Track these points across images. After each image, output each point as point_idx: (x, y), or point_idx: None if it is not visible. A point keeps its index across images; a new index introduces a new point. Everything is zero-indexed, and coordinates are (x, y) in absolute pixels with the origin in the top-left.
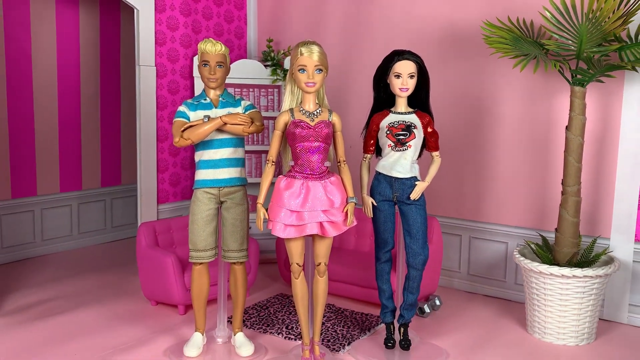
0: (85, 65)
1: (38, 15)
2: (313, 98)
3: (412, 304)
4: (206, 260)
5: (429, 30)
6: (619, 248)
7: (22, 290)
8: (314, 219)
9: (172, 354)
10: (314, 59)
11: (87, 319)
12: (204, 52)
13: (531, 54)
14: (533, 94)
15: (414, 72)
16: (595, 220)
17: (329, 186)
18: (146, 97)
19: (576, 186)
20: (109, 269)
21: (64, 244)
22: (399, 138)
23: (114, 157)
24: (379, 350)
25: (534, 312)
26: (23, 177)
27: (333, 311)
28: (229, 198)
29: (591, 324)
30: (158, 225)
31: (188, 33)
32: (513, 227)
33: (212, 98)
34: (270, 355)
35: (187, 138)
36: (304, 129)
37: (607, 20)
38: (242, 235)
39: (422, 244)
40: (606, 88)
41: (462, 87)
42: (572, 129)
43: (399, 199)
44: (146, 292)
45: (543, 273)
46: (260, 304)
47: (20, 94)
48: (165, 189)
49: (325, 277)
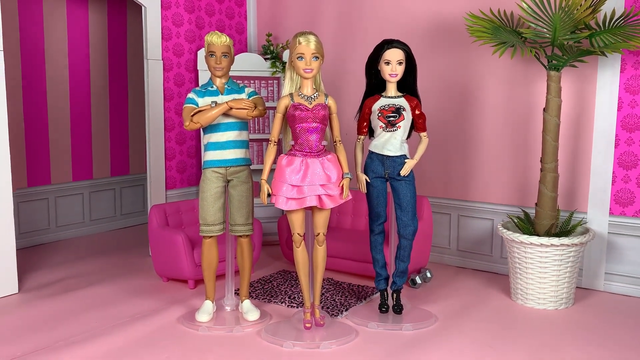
0: (95, 61)
1: (50, 13)
2: (311, 83)
3: (403, 272)
4: (215, 233)
5: (417, 22)
6: (595, 220)
7: (41, 271)
8: (313, 192)
9: (185, 320)
10: (311, 47)
11: (103, 294)
12: (210, 44)
13: (509, 41)
14: (513, 80)
15: (402, 59)
16: (573, 195)
17: (326, 163)
18: (154, 90)
19: (553, 163)
20: (120, 252)
21: (77, 230)
22: (390, 120)
23: (122, 148)
24: (374, 315)
25: (516, 280)
26: (38, 166)
27: (332, 284)
28: (235, 177)
29: (569, 289)
30: (168, 207)
31: (192, 29)
32: (498, 205)
33: (219, 85)
34: (274, 320)
35: (196, 122)
36: (303, 111)
37: (578, 9)
38: (247, 210)
39: (411, 216)
40: (581, 72)
41: (448, 75)
42: (549, 110)
43: (390, 176)
44: (158, 269)
45: (524, 243)
46: (264, 279)
47: (34, 89)
48: (173, 176)
49: (324, 245)
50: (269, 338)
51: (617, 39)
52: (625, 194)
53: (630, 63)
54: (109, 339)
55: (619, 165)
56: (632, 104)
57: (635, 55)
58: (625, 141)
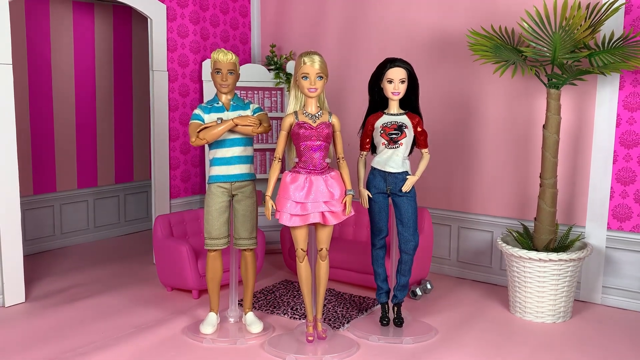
0: (100, 70)
1: (57, 24)
2: (315, 102)
3: (404, 285)
4: (220, 247)
5: (419, 37)
6: (593, 235)
7: (47, 278)
8: (316, 209)
9: (190, 331)
10: (316, 67)
11: (108, 303)
12: (216, 61)
13: (510, 60)
14: (514, 96)
15: (404, 77)
16: (572, 209)
17: (329, 180)
18: (159, 100)
19: (552, 179)
20: (124, 259)
21: (82, 236)
22: (392, 137)
23: (127, 156)
24: (375, 328)
25: (515, 294)
26: (44, 174)
27: (333, 295)
28: (240, 191)
29: (567, 303)
30: (172, 218)
31: (197, 40)
32: (497, 217)
33: (224, 102)
34: (277, 332)
35: (202, 138)
36: (307, 129)
37: (577, 30)
38: (252, 224)
39: (412, 231)
40: (581, 90)
41: (449, 89)
42: (549, 127)
43: (392, 192)
44: (162, 279)
45: (523, 257)
46: (266, 289)
47: (41, 98)
48: (177, 185)
49: (326, 261)
50: (272, 351)
51: (616, 59)
52: (622, 209)
53: (628, 81)
54: (115, 350)
55: (617, 181)
56: (630, 120)
57: (634, 73)
58: (624, 157)
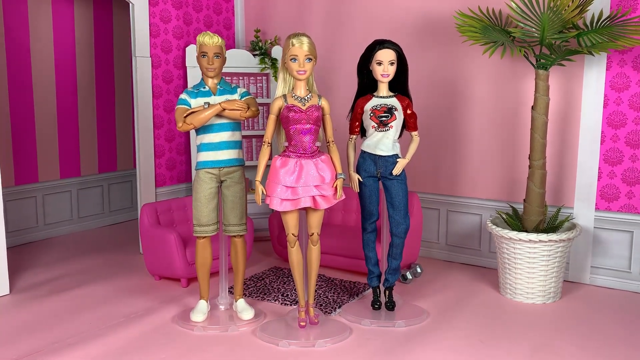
0: (81, 58)
1: (35, 10)
2: (304, 85)
3: (395, 269)
4: (209, 234)
5: (406, 19)
6: (581, 215)
7: (31, 270)
8: (307, 193)
9: (180, 319)
10: (304, 49)
11: (96, 293)
12: (202, 44)
13: (499, 41)
14: (502, 78)
15: (394, 59)
16: (560, 191)
17: (319, 164)
18: (142, 87)
19: (541, 160)
20: (110, 249)
21: (65, 227)
22: (382, 119)
23: (110, 145)
24: (367, 312)
25: (505, 275)
26: (25, 164)
27: (324, 280)
28: (228, 177)
29: (557, 284)
30: (159, 206)
31: (180, 25)
32: (486, 200)
33: (211, 86)
34: (269, 318)
35: (189, 123)
36: (297, 112)
37: (566, 10)
38: (241, 210)
39: (403, 214)
40: (569, 71)
41: (437, 72)
42: (537, 108)
43: (382, 175)
44: (150, 268)
45: (513, 239)
46: (256, 276)
47: (20, 86)
48: (162, 173)
49: (317, 245)
50: (264, 337)
51: (604, 39)
52: (610, 189)
53: (615, 61)
54: (104, 340)
55: (604, 162)
56: (617, 101)
57: (621, 53)
58: (611, 138)
